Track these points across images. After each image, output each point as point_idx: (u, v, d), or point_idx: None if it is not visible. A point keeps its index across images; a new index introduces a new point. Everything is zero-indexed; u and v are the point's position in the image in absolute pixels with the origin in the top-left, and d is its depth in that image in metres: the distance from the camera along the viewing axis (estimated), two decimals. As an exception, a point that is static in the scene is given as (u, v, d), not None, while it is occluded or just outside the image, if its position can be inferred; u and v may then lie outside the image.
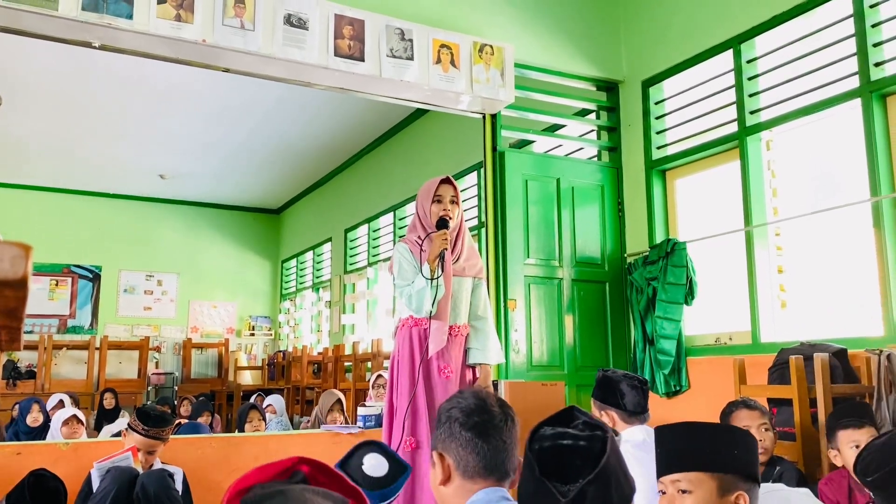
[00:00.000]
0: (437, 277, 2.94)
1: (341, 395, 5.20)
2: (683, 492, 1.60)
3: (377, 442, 2.16)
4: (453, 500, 1.57)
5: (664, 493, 1.65)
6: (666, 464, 1.65)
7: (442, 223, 3.04)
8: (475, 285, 3.23)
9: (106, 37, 3.45)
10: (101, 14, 3.31)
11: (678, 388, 4.26)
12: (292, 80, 4.02)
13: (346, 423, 4.89)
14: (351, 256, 8.88)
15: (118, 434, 4.06)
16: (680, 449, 1.64)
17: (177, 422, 4.76)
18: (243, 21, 3.62)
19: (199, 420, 5.64)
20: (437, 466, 1.61)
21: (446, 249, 2.99)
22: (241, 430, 4.90)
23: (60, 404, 5.89)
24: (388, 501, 2.04)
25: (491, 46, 4.27)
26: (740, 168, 4.09)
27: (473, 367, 3.18)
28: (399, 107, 6.06)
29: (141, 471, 2.98)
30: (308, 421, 6.32)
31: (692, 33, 4.42)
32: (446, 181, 3.13)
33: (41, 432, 5.16)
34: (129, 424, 3.16)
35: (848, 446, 2.61)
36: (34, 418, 5.31)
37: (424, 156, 7.24)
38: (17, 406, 6.01)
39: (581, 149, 5.04)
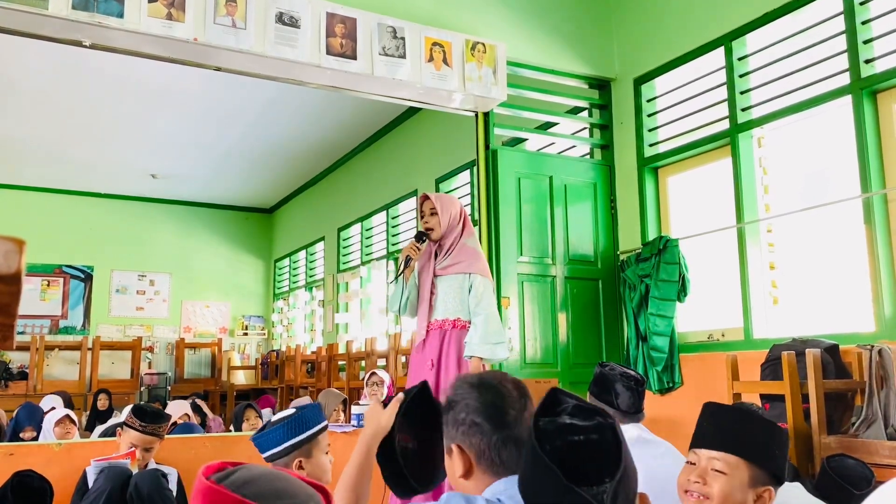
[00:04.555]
0: (396, 278, 3.53)
1: (345, 396, 5.22)
2: (717, 471, 1.60)
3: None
4: (474, 490, 1.47)
5: (694, 463, 1.64)
6: (709, 439, 1.64)
7: (418, 236, 3.50)
8: (469, 282, 3.41)
9: (97, 36, 3.43)
10: (91, 13, 3.30)
11: (671, 385, 4.28)
12: (284, 79, 4.01)
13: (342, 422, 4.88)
14: (344, 255, 8.88)
15: (108, 433, 4.04)
16: (729, 430, 1.63)
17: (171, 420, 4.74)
18: (235, 19, 3.61)
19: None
20: (457, 459, 1.48)
21: (410, 257, 3.46)
22: (238, 429, 4.88)
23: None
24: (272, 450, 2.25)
25: (483, 44, 4.28)
26: (732, 165, 4.11)
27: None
28: (391, 105, 6.06)
29: (136, 470, 2.97)
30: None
31: (684, 31, 4.43)
32: (424, 198, 3.58)
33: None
34: (125, 422, 3.12)
35: None
36: (30, 436, 5.18)
37: (417, 154, 7.23)
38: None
39: (573, 146, 5.05)
